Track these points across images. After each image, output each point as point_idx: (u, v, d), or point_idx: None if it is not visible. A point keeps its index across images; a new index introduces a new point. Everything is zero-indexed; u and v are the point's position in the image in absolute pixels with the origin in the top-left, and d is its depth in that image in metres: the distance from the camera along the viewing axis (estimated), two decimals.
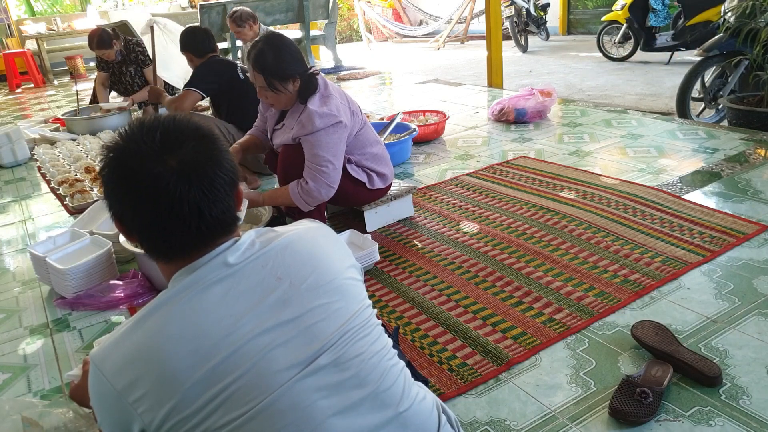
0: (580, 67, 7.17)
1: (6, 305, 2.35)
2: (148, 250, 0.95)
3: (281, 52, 2.21)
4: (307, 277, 0.94)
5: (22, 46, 9.51)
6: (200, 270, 0.91)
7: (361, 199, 2.53)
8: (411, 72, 7.68)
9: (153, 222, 0.89)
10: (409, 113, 4.22)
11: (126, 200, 0.91)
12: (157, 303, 0.90)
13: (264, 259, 0.94)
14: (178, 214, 0.88)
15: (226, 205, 0.93)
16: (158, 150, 0.88)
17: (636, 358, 1.65)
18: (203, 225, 0.90)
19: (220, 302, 0.89)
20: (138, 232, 0.93)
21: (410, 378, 1.04)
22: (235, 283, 0.90)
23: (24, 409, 1.52)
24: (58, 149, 4.42)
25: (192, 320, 0.87)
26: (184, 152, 0.89)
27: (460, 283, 2.13)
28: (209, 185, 0.90)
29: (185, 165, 0.88)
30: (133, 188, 0.89)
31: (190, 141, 0.91)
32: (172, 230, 0.89)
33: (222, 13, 6.70)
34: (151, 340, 0.87)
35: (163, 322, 0.88)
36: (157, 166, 0.87)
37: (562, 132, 3.91)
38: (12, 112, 6.88)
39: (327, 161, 2.25)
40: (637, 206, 2.58)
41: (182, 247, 0.92)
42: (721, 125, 3.84)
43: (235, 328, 0.87)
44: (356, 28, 12.79)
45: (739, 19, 3.74)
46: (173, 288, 0.91)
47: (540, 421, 1.46)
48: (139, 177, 0.87)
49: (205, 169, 0.90)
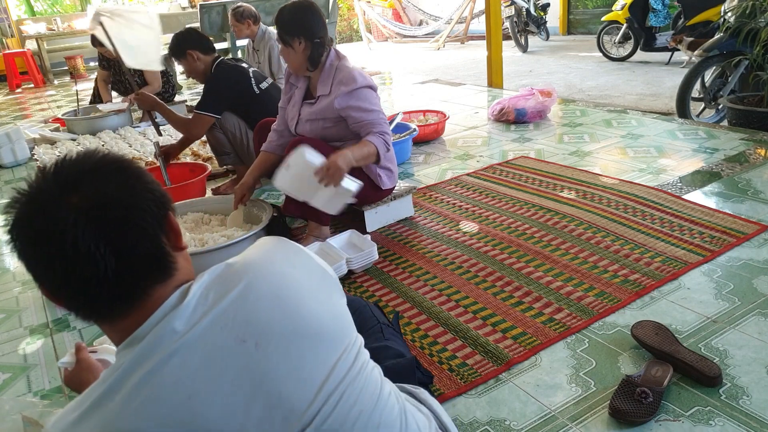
0: (580, 67, 7.17)
1: (6, 305, 2.35)
2: (79, 313, 0.80)
3: (297, 12, 2.32)
4: (275, 329, 0.79)
5: (22, 46, 9.51)
6: (145, 341, 0.76)
7: (367, 199, 2.52)
8: (411, 72, 7.68)
9: (67, 276, 0.75)
10: (409, 113, 4.22)
11: (37, 258, 0.76)
12: (110, 386, 0.76)
13: (221, 316, 0.77)
14: (88, 259, 0.73)
15: (151, 237, 0.78)
16: (55, 192, 0.75)
17: (636, 358, 1.65)
18: (123, 267, 0.75)
19: (176, 384, 0.74)
20: (63, 295, 0.78)
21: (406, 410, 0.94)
22: (189, 356, 0.75)
23: (24, 408, 1.52)
24: (58, 149, 4.43)
25: (150, 411, 0.73)
26: (88, 187, 0.76)
27: (460, 283, 2.13)
28: (124, 217, 0.76)
29: (90, 200, 0.75)
30: (37, 241, 0.75)
31: (94, 174, 0.78)
32: (91, 282, 0.74)
33: (222, 13, 6.69)
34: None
35: (114, 414, 0.74)
36: (55, 210, 0.74)
37: (562, 132, 3.91)
38: (12, 112, 6.88)
39: (383, 118, 2.30)
40: (637, 206, 2.58)
41: (106, 301, 0.77)
42: (721, 125, 3.84)
43: (200, 412, 0.74)
44: (356, 28, 12.79)
45: (739, 19, 3.74)
46: (121, 364, 0.76)
47: (540, 421, 1.46)
48: (38, 228, 0.74)
49: (118, 199, 0.77)
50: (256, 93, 3.04)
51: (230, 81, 3.01)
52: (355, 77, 2.28)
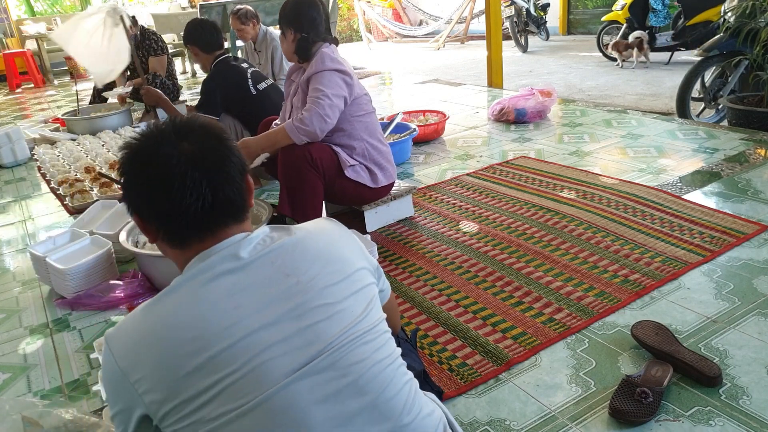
0: (580, 67, 7.16)
1: (6, 305, 2.35)
2: (165, 234, 0.96)
3: (297, 5, 2.39)
4: (315, 276, 0.94)
5: (22, 46, 9.51)
6: (211, 259, 0.92)
7: (365, 198, 2.52)
8: (411, 72, 7.68)
9: (169, 200, 0.92)
10: (409, 113, 4.22)
11: (143, 184, 0.94)
12: (169, 288, 0.92)
13: (274, 255, 0.94)
14: (192, 191, 0.91)
15: (237, 185, 0.97)
16: (172, 136, 0.94)
17: (636, 358, 1.65)
18: (216, 203, 0.93)
19: (226, 294, 0.90)
20: (155, 217, 0.95)
21: (418, 391, 1.01)
22: (243, 277, 0.91)
23: (24, 408, 1.52)
24: (58, 149, 4.42)
25: (196, 308, 0.89)
26: (196, 137, 0.95)
27: (460, 283, 2.13)
28: (221, 164, 0.95)
29: (197, 146, 0.94)
30: (148, 170, 0.93)
31: (202, 130, 0.97)
32: (186, 208, 0.92)
33: (222, 12, 6.69)
34: (156, 324, 0.89)
35: (170, 307, 0.90)
36: (170, 149, 0.93)
37: (562, 132, 3.91)
38: (12, 112, 6.88)
39: (324, 95, 2.31)
40: (637, 206, 2.58)
41: (197, 227, 0.94)
42: (721, 125, 3.84)
43: (237, 320, 0.88)
44: (356, 28, 12.79)
45: (739, 19, 3.74)
46: (185, 274, 0.93)
47: (540, 421, 1.46)
48: (153, 159, 0.93)
49: (217, 150, 0.96)
50: (253, 94, 3.06)
51: (226, 81, 3.04)
52: (324, 60, 2.34)
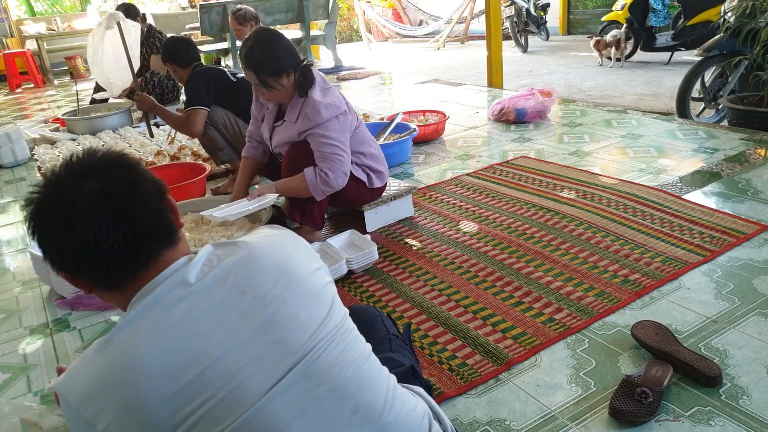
0: (580, 67, 7.17)
1: (6, 305, 2.35)
2: (97, 282, 0.91)
3: (271, 48, 2.21)
4: (272, 288, 0.91)
5: (22, 46, 9.51)
6: (158, 290, 0.88)
7: (362, 199, 2.53)
8: (411, 72, 7.68)
9: (87, 248, 0.86)
10: (409, 113, 4.22)
11: (54, 238, 0.88)
12: (118, 328, 0.87)
13: (225, 273, 0.90)
14: (109, 231, 0.86)
15: (156, 210, 0.92)
16: (72, 179, 0.88)
17: (636, 358, 1.65)
18: (139, 235, 0.88)
19: (181, 324, 0.86)
20: (80, 268, 0.89)
21: (396, 387, 1.00)
22: (197, 302, 0.87)
23: (23, 411, 1.52)
24: (58, 149, 4.43)
25: (155, 343, 0.84)
26: (99, 173, 0.89)
27: (460, 283, 2.13)
28: (132, 194, 0.89)
29: (101, 183, 0.88)
30: (55, 222, 0.87)
31: (102, 163, 0.91)
32: (108, 249, 0.86)
33: (222, 13, 6.69)
34: (114, 367, 0.85)
35: (126, 347, 0.85)
36: (72, 194, 0.87)
37: (562, 132, 3.91)
38: (12, 112, 6.88)
39: (341, 149, 2.27)
40: (637, 206, 2.58)
41: (127, 266, 0.89)
42: (721, 125, 3.84)
43: (201, 348, 0.84)
44: (356, 28, 12.79)
45: (739, 19, 3.74)
46: (132, 311, 0.88)
47: (540, 421, 1.46)
48: (57, 210, 0.87)
49: (124, 180, 0.90)
50: (233, 81, 3.19)
51: (206, 77, 3.14)
52: (320, 111, 2.22)
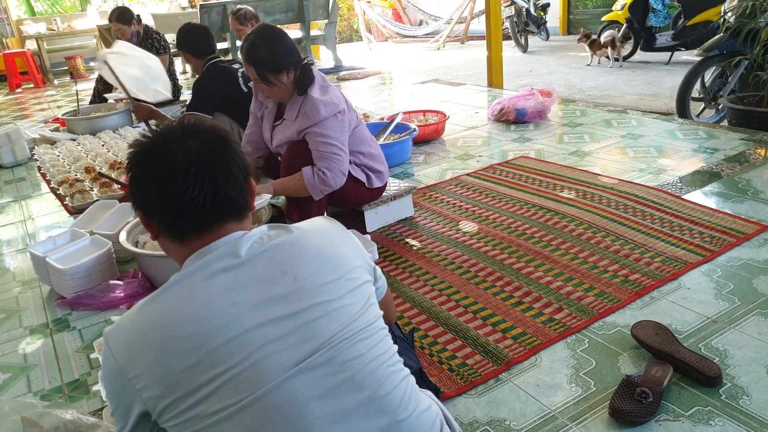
0: (580, 67, 7.17)
1: (6, 305, 2.35)
2: (166, 228, 0.99)
3: (273, 44, 2.22)
4: (312, 273, 0.95)
5: (22, 46, 9.51)
6: (210, 256, 0.94)
7: (361, 199, 2.53)
8: (411, 72, 7.68)
9: (172, 193, 0.94)
10: (409, 113, 4.22)
11: (148, 178, 0.97)
12: (166, 285, 0.94)
13: (271, 252, 0.96)
14: (195, 186, 0.94)
15: (239, 185, 1.00)
16: (179, 135, 0.98)
17: (636, 358, 1.65)
18: (217, 199, 0.96)
19: (223, 291, 0.91)
20: (159, 210, 0.97)
21: (414, 387, 1.02)
22: (241, 274, 0.93)
23: (24, 409, 1.52)
24: (58, 149, 4.42)
25: (194, 305, 0.90)
26: (202, 137, 0.99)
27: (460, 283, 2.13)
28: (224, 163, 0.98)
29: (202, 145, 0.98)
30: (154, 164, 0.96)
31: (209, 131, 1.01)
32: (189, 202, 0.94)
33: (222, 13, 6.69)
34: (153, 321, 0.90)
35: (167, 304, 0.91)
36: (176, 145, 0.96)
37: (562, 132, 3.91)
38: (12, 112, 6.87)
39: (339, 149, 2.26)
40: (637, 206, 2.58)
41: (197, 221, 0.96)
42: (721, 125, 3.84)
43: (235, 317, 0.89)
44: (356, 28, 12.79)
45: (739, 19, 3.74)
46: (183, 271, 0.95)
47: (540, 421, 1.46)
48: (159, 154, 0.96)
49: (221, 150, 0.99)
50: (244, 91, 3.12)
51: (216, 82, 3.13)
52: (318, 109, 2.22)
